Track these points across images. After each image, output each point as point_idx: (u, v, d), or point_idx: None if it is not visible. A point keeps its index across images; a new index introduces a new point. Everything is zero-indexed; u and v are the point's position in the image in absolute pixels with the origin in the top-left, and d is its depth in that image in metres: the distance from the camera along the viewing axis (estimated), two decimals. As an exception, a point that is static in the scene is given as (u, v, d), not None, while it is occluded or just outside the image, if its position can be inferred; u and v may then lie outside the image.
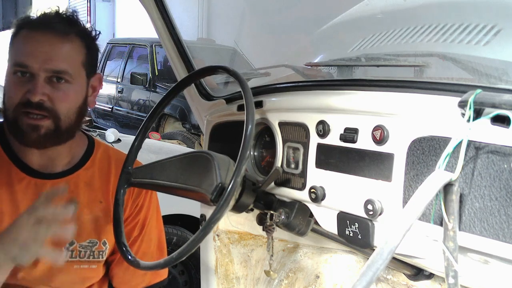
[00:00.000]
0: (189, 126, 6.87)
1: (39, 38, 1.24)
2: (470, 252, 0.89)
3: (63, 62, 1.24)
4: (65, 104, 1.25)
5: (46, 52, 1.23)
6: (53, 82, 1.23)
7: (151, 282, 1.47)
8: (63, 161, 1.34)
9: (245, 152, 1.03)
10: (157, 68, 7.84)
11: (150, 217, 1.46)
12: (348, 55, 1.53)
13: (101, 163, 1.40)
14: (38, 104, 1.21)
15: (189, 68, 1.71)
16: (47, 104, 1.22)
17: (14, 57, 1.25)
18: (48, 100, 1.22)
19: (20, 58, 1.23)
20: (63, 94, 1.24)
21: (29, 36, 1.25)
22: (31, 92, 1.20)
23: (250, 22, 2.31)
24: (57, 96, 1.23)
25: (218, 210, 1.01)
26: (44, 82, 1.22)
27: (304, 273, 1.70)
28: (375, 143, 1.05)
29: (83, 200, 1.34)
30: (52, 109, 1.23)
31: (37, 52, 1.22)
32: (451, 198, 0.83)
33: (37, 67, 1.21)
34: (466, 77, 1.24)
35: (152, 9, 1.66)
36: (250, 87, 1.13)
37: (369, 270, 0.75)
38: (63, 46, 1.25)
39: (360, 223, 1.09)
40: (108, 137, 3.06)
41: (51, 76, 1.23)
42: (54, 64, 1.23)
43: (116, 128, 3.77)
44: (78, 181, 1.35)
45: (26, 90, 1.21)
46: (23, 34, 1.26)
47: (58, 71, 1.23)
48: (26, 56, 1.22)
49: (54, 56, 1.23)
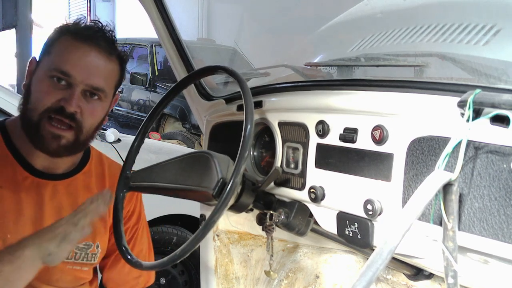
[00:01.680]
0: (189, 126, 6.87)
1: (86, 51, 1.25)
2: (469, 252, 0.89)
3: (103, 80, 1.27)
4: (91, 120, 1.27)
5: (90, 67, 1.24)
6: (87, 96, 1.25)
7: (147, 284, 1.51)
8: (65, 163, 1.36)
9: (245, 145, 1.03)
10: (157, 68, 7.84)
11: (141, 220, 1.50)
12: (348, 55, 1.53)
13: (97, 168, 1.43)
14: (71, 114, 1.22)
15: (189, 68, 1.71)
16: (78, 116, 1.23)
17: (55, 61, 1.24)
18: (80, 112, 1.23)
19: (64, 65, 1.22)
20: (92, 110, 1.26)
21: (75, 45, 1.25)
22: (67, 101, 1.21)
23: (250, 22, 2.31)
24: (88, 110, 1.25)
25: (221, 204, 1.01)
26: (80, 94, 1.23)
27: (304, 273, 1.70)
28: (375, 143, 1.05)
29: (81, 203, 1.35)
30: (80, 122, 1.24)
31: (82, 65, 1.23)
32: (450, 198, 0.83)
33: (79, 80, 1.22)
34: (466, 77, 1.24)
35: (152, 9, 1.66)
36: (249, 87, 1.13)
37: (369, 270, 0.75)
38: (107, 66, 1.27)
39: (359, 223, 1.09)
40: (108, 137, 3.06)
41: (87, 91, 1.25)
42: (95, 80, 1.25)
43: (116, 128, 3.76)
44: (78, 184, 1.37)
45: (61, 97, 1.22)
46: (67, 41, 1.26)
47: (96, 88, 1.25)
48: (70, 65, 1.22)
49: (97, 72, 1.25)
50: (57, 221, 1.15)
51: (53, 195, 1.31)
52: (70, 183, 1.35)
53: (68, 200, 1.34)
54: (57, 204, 1.32)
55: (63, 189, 1.34)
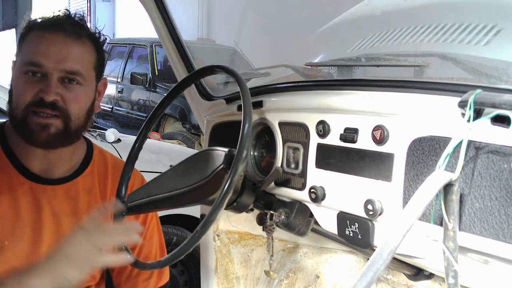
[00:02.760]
0: (189, 126, 6.87)
1: (53, 39, 1.24)
2: (470, 252, 0.89)
3: (76, 63, 1.25)
4: (76, 105, 1.25)
5: (60, 52, 1.23)
6: (65, 83, 1.24)
7: (156, 286, 1.46)
8: (64, 166, 1.34)
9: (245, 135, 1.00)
10: (157, 68, 7.84)
11: (150, 219, 1.46)
12: (348, 55, 1.53)
13: (99, 169, 1.41)
14: (51, 103, 1.21)
15: (189, 68, 1.71)
16: (60, 104, 1.22)
17: (26, 56, 1.24)
18: (61, 100, 1.22)
19: (34, 57, 1.22)
20: (74, 95, 1.25)
21: (42, 36, 1.25)
22: (44, 92, 1.20)
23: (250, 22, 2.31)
24: (69, 96, 1.24)
25: (233, 174, 0.97)
26: (57, 82, 1.22)
27: (304, 273, 1.70)
28: (375, 143, 1.05)
29: (83, 206, 1.34)
30: (64, 109, 1.23)
31: (51, 52, 1.22)
32: (451, 198, 0.83)
33: (51, 67, 1.21)
34: (466, 77, 1.24)
35: (152, 9, 1.66)
36: (250, 87, 1.13)
37: (369, 270, 0.75)
38: (76, 48, 1.26)
39: (360, 223, 1.09)
40: (108, 137, 3.06)
41: (64, 77, 1.23)
42: (68, 64, 1.23)
43: (116, 128, 3.77)
44: (78, 187, 1.35)
45: (38, 89, 1.21)
46: (34, 34, 1.26)
47: (71, 71, 1.24)
48: (40, 56, 1.22)
49: (68, 56, 1.24)
50: (66, 240, 1.08)
51: (52, 200, 1.30)
52: (70, 187, 1.33)
53: (68, 204, 1.32)
54: (56, 209, 1.30)
55: (62, 194, 1.32)
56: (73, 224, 1.31)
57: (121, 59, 8.49)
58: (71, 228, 1.30)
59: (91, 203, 1.35)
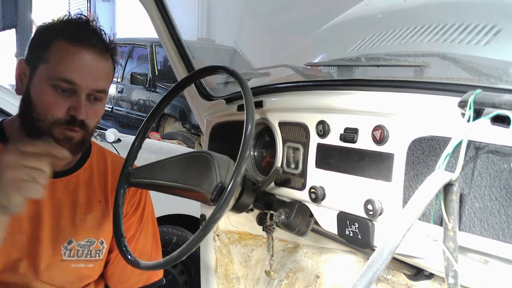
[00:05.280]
0: (189, 126, 6.87)
1: (85, 56, 1.23)
2: (470, 252, 0.89)
3: (104, 82, 1.27)
4: (96, 120, 1.28)
5: (92, 71, 1.24)
6: (91, 100, 1.25)
7: (148, 282, 1.48)
8: (64, 162, 1.34)
9: (245, 152, 1.03)
10: (157, 68, 7.84)
11: (146, 216, 1.47)
12: (348, 55, 1.53)
13: (98, 164, 1.42)
14: (81, 122, 1.22)
15: (189, 68, 1.71)
16: (86, 121, 1.24)
17: (57, 70, 1.22)
18: (87, 118, 1.24)
19: (67, 74, 1.21)
20: (97, 112, 1.28)
21: (73, 51, 1.23)
22: (76, 110, 1.21)
23: (250, 22, 2.31)
24: (93, 113, 1.26)
25: (218, 210, 1.01)
26: (85, 100, 1.24)
27: (304, 273, 1.70)
28: (375, 143, 1.05)
29: (82, 200, 1.35)
30: (87, 125, 1.25)
31: (84, 71, 1.22)
32: (451, 198, 0.83)
33: (84, 86, 1.22)
34: (466, 77, 1.24)
35: (152, 9, 1.66)
36: (250, 87, 1.13)
37: (369, 270, 0.75)
38: (105, 66, 1.27)
39: (360, 223, 1.09)
40: (108, 137, 3.06)
41: (91, 95, 1.25)
42: (99, 84, 1.25)
43: (116, 128, 3.76)
44: (78, 180, 1.36)
45: (69, 105, 1.21)
46: (62, 46, 1.23)
47: (100, 90, 1.26)
48: (73, 73, 1.21)
49: (99, 76, 1.25)
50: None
51: (51, 193, 1.30)
52: (70, 180, 1.35)
53: (68, 197, 1.33)
54: (56, 202, 1.31)
55: (62, 187, 1.33)
56: (72, 217, 1.32)
57: (121, 59, 8.46)
58: (70, 221, 1.32)
59: (91, 196, 1.37)
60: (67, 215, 1.32)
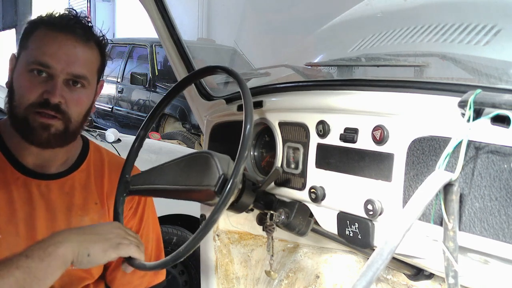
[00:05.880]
0: (189, 126, 6.87)
1: (62, 40, 1.24)
2: (470, 252, 0.89)
3: (83, 67, 1.26)
4: (77, 108, 1.27)
5: (69, 55, 1.24)
6: (70, 86, 1.25)
7: (151, 284, 1.47)
8: (59, 162, 1.34)
9: (245, 142, 1.02)
10: (157, 68, 7.84)
11: (146, 217, 1.46)
12: (348, 55, 1.53)
13: (96, 165, 1.41)
14: (55, 105, 1.22)
15: (189, 68, 1.71)
16: (63, 107, 1.23)
17: (33, 54, 1.24)
18: (64, 102, 1.23)
19: (42, 57, 1.22)
20: (77, 98, 1.26)
21: (51, 36, 1.24)
22: (50, 93, 1.21)
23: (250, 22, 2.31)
24: (72, 99, 1.25)
25: (223, 200, 1.00)
26: (62, 84, 1.23)
27: (304, 273, 1.70)
28: (375, 143, 1.05)
29: (78, 202, 1.34)
30: (66, 112, 1.24)
31: (60, 54, 1.23)
32: (451, 198, 0.83)
33: (59, 69, 1.22)
34: (466, 77, 1.24)
35: (152, 9, 1.66)
36: (250, 87, 1.13)
37: (369, 270, 0.75)
38: (85, 52, 1.27)
39: (360, 223, 1.09)
40: (108, 137, 3.06)
41: (69, 79, 1.24)
42: (76, 68, 1.24)
43: (116, 128, 3.77)
44: (74, 182, 1.35)
45: (43, 90, 1.21)
46: (42, 33, 1.26)
47: (78, 75, 1.25)
48: (48, 56, 1.22)
49: (76, 60, 1.25)
50: (99, 225, 1.17)
51: (46, 194, 1.30)
52: (65, 182, 1.34)
53: (63, 200, 1.32)
54: (50, 204, 1.30)
55: (57, 189, 1.32)
56: (68, 219, 1.32)
57: (121, 59, 8.49)
58: (66, 224, 1.31)
59: (87, 199, 1.36)
60: (62, 218, 1.31)
